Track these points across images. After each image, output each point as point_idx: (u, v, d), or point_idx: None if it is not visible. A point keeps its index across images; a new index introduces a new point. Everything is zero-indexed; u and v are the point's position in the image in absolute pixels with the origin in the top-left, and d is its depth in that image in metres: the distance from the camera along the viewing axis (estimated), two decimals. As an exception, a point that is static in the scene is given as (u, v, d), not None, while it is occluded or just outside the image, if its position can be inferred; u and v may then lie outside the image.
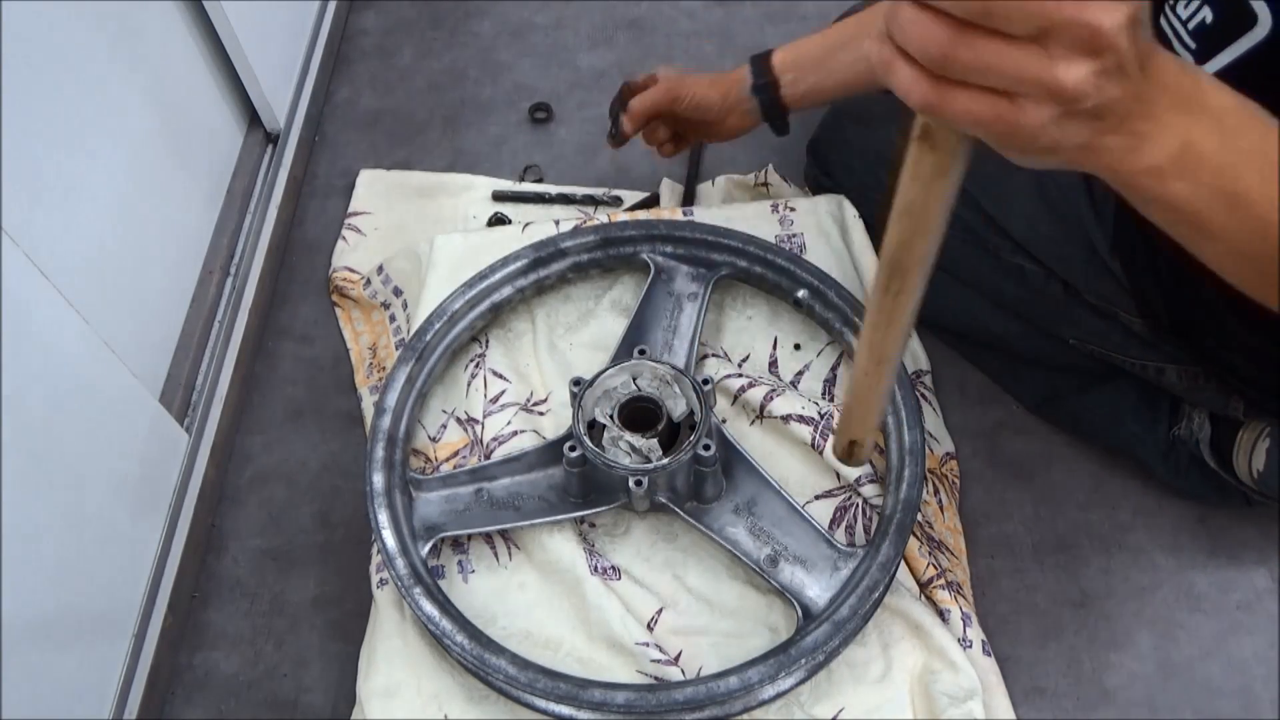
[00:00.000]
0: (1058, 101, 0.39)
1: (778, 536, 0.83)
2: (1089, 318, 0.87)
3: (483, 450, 0.91)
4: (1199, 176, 0.46)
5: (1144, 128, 0.43)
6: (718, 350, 0.98)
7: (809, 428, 0.88)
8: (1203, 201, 0.47)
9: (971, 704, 0.77)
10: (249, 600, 0.94)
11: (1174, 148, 0.44)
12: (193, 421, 0.97)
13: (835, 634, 0.75)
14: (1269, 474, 0.81)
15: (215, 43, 1.10)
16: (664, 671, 0.80)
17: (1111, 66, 0.38)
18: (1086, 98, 0.39)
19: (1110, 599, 0.90)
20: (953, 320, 1.01)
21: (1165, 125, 0.44)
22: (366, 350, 1.08)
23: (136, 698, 0.84)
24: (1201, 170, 0.46)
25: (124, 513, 0.85)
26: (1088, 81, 0.38)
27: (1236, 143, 0.46)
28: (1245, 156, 0.46)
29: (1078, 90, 0.38)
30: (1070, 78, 0.38)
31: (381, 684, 0.81)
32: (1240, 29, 0.60)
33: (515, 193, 1.20)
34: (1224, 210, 0.47)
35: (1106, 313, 0.85)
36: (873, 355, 0.58)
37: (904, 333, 0.56)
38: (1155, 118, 0.43)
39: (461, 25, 1.42)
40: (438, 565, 0.86)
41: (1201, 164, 0.45)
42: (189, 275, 1.05)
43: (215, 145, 1.13)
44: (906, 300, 0.54)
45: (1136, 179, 0.45)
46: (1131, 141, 0.43)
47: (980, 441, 0.99)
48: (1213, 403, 0.85)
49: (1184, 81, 0.44)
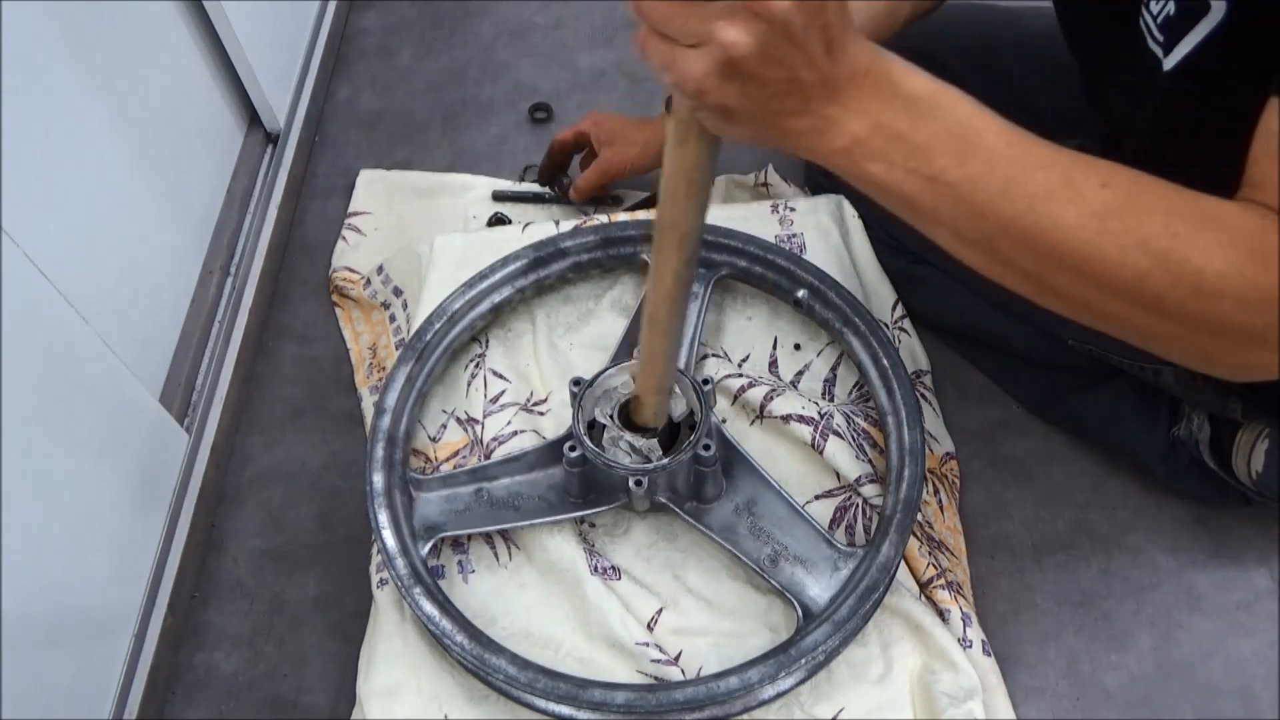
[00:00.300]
0: (718, 56, 0.43)
1: (778, 536, 0.83)
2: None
3: (483, 450, 0.91)
4: (893, 158, 0.49)
5: (830, 111, 0.47)
6: (718, 350, 0.98)
7: (809, 427, 0.88)
8: (905, 183, 0.49)
9: (971, 704, 0.77)
10: (249, 600, 0.94)
11: (863, 131, 0.48)
12: (193, 421, 0.97)
13: (835, 634, 0.75)
14: (1268, 475, 0.81)
15: (215, 43, 1.10)
16: (664, 671, 0.80)
17: (773, 41, 0.43)
18: (745, 64, 0.43)
19: (1110, 599, 0.90)
20: (953, 320, 1.02)
21: (854, 109, 0.47)
22: (366, 350, 1.08)
23: (136, 698, 0.84)
24: (895, 152, 0.48)
25: (124, 513, 0.85)
26: (744, 45, 0.43)
27: (929, 125, 0.48)
28: (939, 139, 0.48)
29: (734, 49, 0.43)
30: (726, 35, 0.43)
31: (381, 684, 0.81)
32: (1197, 15, 0.61)
33: (515, 192, 1.20)
34: (928, 192, 0.50)
35: None
36: (646, 314, 0.65)
37: (669, 298, 0.62)
38: (842, 103, 0.47)
39: (461, 25, 1.42)
40: (438, 565, 0.86)
41: (895, 146, 0.48)
42: (189, 275, 1.05)
43: (215, 145, 1.13)
44: (664, 262, 0.59)
45: (832, 160, 0.49)
46: (819, 124, 0.47)
47: (980, 441, 0.99)
48: (1211, 404, 0.85)
49: (876, 66, 0.47)
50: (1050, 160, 0.50)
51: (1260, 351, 0.51)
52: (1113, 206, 0.49)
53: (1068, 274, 0.51)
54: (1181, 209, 0.50)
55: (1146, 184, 0.51)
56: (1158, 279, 0.49)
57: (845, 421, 0.90)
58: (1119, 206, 0.49)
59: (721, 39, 0.43)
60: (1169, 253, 0.49)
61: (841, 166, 0.50)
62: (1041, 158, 0.50)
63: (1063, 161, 0.50)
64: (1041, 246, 0.50)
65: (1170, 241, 0.49)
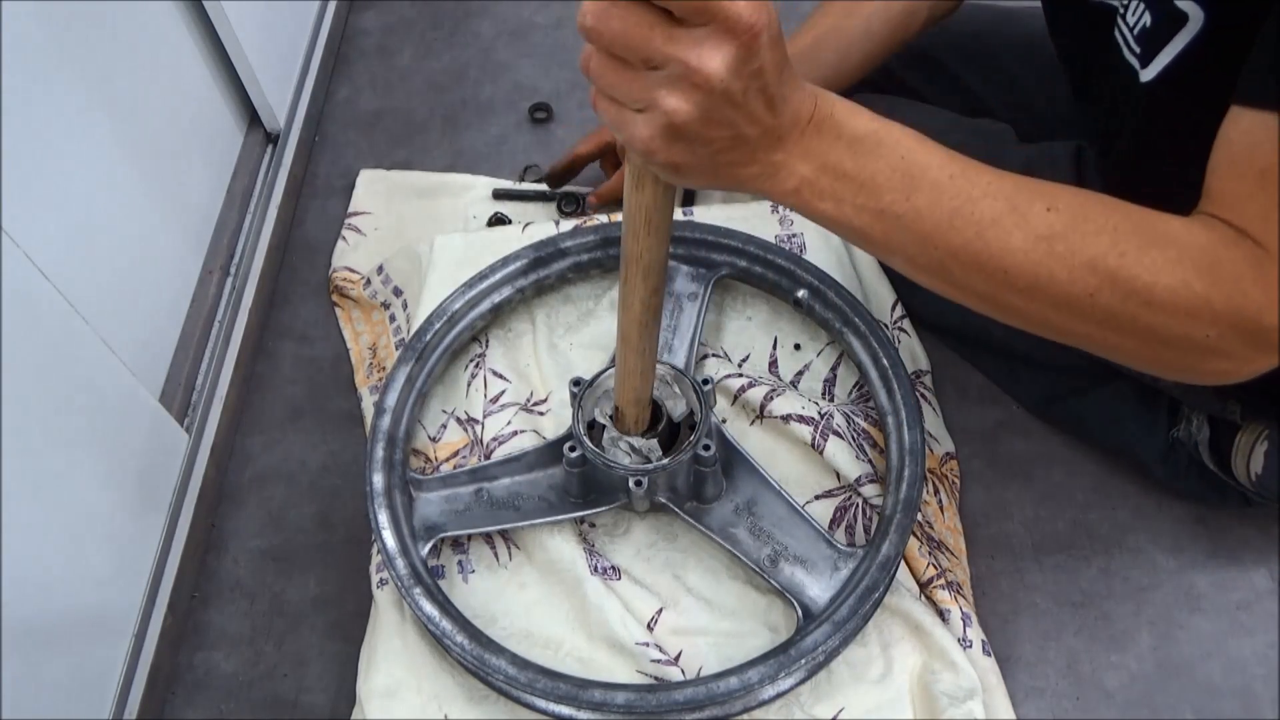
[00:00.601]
0: (662, 122, 0.45)
1: (778, 536, 0.83)
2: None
3: (483, 450, 0.92)
4: (841, 196, 0.51)
5: (776, 158, 0.49)
6: (718, 350, 0.98)
7: (809, 427, 0.88)
8: (854, 218, 0.52)
9: (971, 704, 0.77)
10: (249, 600, 0.94)
11: (809, 172, 0.50)
12: (193, 421, 0.97)
13: (835, 634, 0.75)
14: (1267, 477, 0.81)
15: (215, 43, 1.10)
16: (664, 671, 0.80)
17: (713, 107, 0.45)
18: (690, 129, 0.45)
19: (1110, 599, 0.90)
20: (952, 320, 1.02)
21: (799, 154, 0.50)
22: (366, 350, 1.08)
23: (136, 698, 0.84)
24: (843, 190, 0.51)
25: (124, 513, 0.85)
26: (685, 112, 0.45)
27: (874, 163, 0.51)
28: (884, 175, 0.51)
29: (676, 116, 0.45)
30: (668, 104, 0.45)
31: (381, 684, 0.81)
32: (1175, 27, 0.62)
33: (515, 192, 1.20)
34: (878, 225, 0.52)
35: None
36: (619, 333, 0.69)
37: (639, 322, 0.67)
38: (787, 149, 0.49)
39: (461, 25, 1.42)
40: (438, 565, 0.86)
41: (842, 185, 0.51)
42: (189, 275, 1.05)
43: (215, 145, 1.13)
44: (631, 291, 0.64)
45: (785, 200, 0.51)
46: (768, 170, 0.50)
47: (980, 442, 0.99)
48: (1209, 405, 0.85)
49: (819, 111, 0.50)
50: (995, 189, 0.52)
51: (1217, 360, 0.53)
52: (1058, 229, 0.51)
53: (1020, 295, 0.53)
54: (1128, 228, 0.52)
55: (1093, 205, 0.52)
56: (1107, 296, 0.51)
57: (845, 421, 0.90)
58: (1064, 228, 0.51)
59: (664, 107, 0.45)
60: (1117, 271, 0.51)
61: (793, 205, 0.52)
62: (986, 186, 0.51)
63: (1007, 188, 0.52)
64: (993, 270, 0.52)
65: (1118, 260, 0.51)
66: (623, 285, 0.64)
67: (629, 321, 0.67)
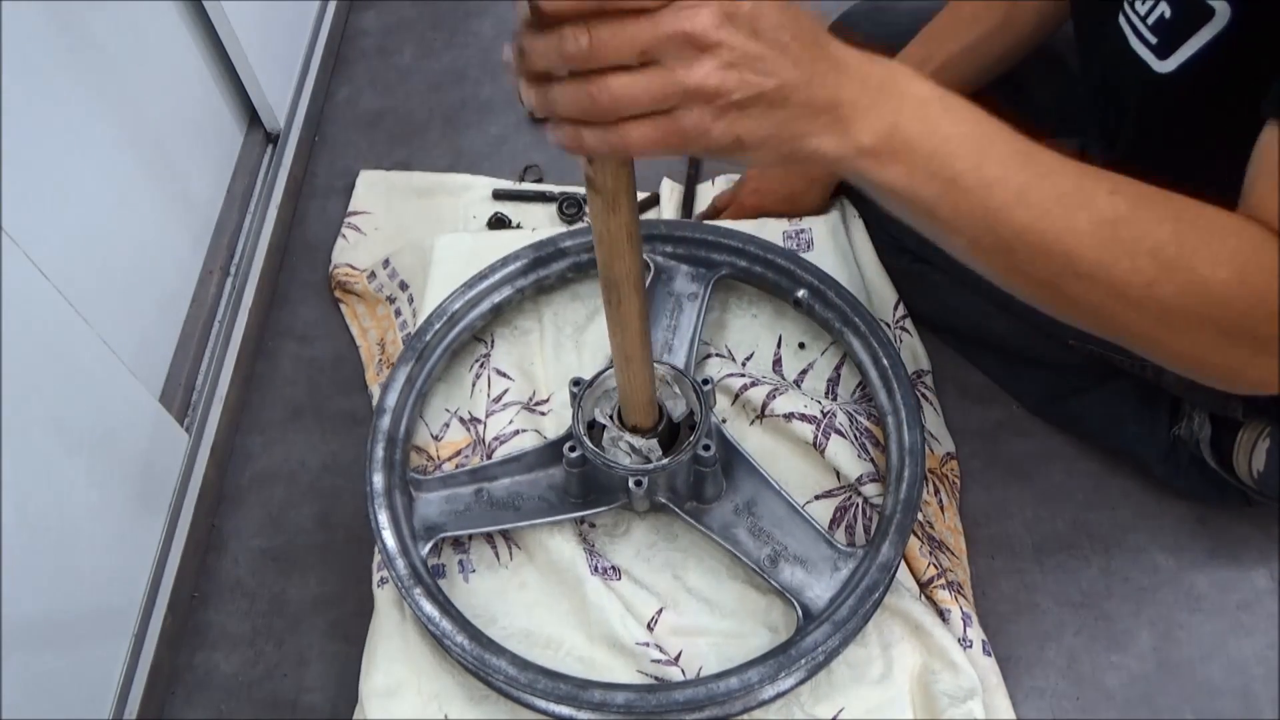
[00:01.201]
0: (704, 100, 0.43)
1: (778, 537, 0.83)
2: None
3: (485, 450, 0.91)
4: (913, 160, 0.48)
5: (843, 112, 0.46)
6: (721, 348, 0.97)
7: (811, 426, 0.88)
8: (923, 187, 0.49)
9: (971, 704, 0.77)
10: (249, 600, 0.94)
11: (882, 129, 0.47)
12: (193, 421, 0.97)
13: (835, 634, 0.75)
14: (1269, 474, 0.81)
15: (215, 43, 1.10)
16: (664, 671, 0.80)
17: (735, 58, 0.42)
18: (728, 89, 0.43)
19: (1110, 599, 0.90)
20: (954, 320, 1.02)
21: (866, 109, 0.47)
22: (375, 347, 1.08)
23: (136, 698, 0.84)
24: (914, 154, 0.48)
25: (124, 513, 0.85)
26: (715, 75, 0.42)
27: (942, 129, 0.48)
28: (954, 142, 0.48)
29: (708, 85, 0.42)
30: (693, 78, 0.42)
31: (381, 684, 0.81)
32: (1199, 21, 0.61)
33: (515, 192, 1.20)
34: (945, 197, 0.49)
35: None
36: (620, 355, 0.69)
37: (639, 335, 0.66)
38: (851, 102, 0.46)
39: (461, 25, 1.42)
40: (438, 564, 0.86)
41: (912, 148, 0.48)
42: (189, 275, 1.05)
43: (215, 145, 1.13)
44: (628, 308, 0.63)
45: (854, 165, 0.48)
46: (835, 125, 0.46)
47: (980, 441, 0.99)
48: (1212, 403, 0.85)
49: (874, 70, 0.47)
50: (1060, 166, 0.50)
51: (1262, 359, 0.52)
52: (1123, 213, 0.50)
53: (1082, 281, 0.51)
54: (1190, 218, 0.51)
55: (1153, 192, 0.51)
56: (1164, 287, 0.50)
57: (848, 420, 0.90)
58: (1128, 213, 0.50)
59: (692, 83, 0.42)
60: (1176, 260, 0.49)
61: (864, 169, 0.49)
62: (1051, 163, 0.50)
63: (1071, 167, 0.50)
64: (1057, 253, 0.50)
65: (1178, 250, 0.50)
66: (615, 308, 0.63)
67: (629, 340, 0.67)
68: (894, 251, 1.02)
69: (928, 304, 1.02)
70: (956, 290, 0.97)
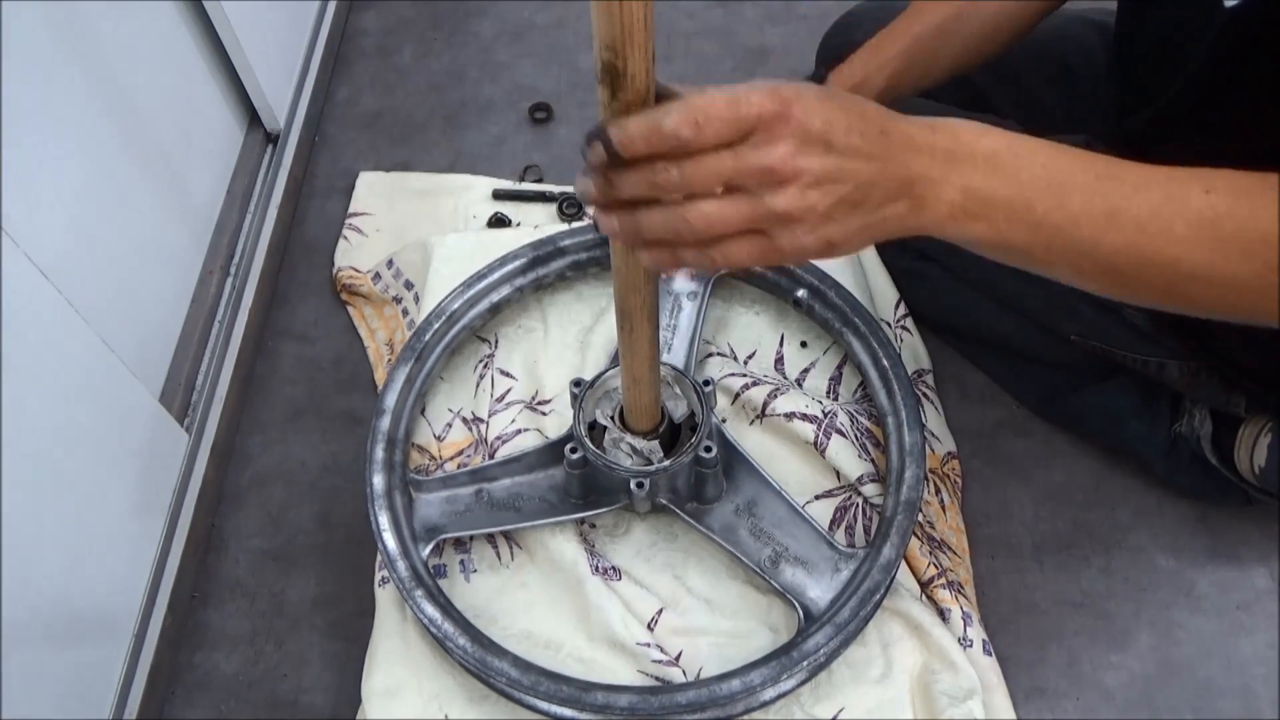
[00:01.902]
0: (795, 220, 0.46)
1: (778, 537, 0.83)
2: (1091, 312, 0.87)
3: (487, 450, 0.91)
4: (993, 214, 0.50)
5: (918, 190, 0.49)
6: (723, 347, 0.97)
7: (812, 425, 0.88)
8: (1011, 235, 0.51)
9: (971, 704, 0.77)
10: (249, 600, 0.94)
11: (957, 194, 0.49)
12: (193, 421, 0.97)
13: (836, 636, 0.75)
14: (1270, 470, 0.81)
15: (215, 43, 1.10)
16: (665, 672, 0.80)
17: (815, 179, 0.45)
18: (814, 207, 0.46)
19: (1110, 599, 0.90)
20: (954, 318, 1.02)
21: (939, 180, 0.49)
22: (384, 347, 1.08)
23: (136, 698, 0.84)
24: (994, 209, 0.50)
25: (124, 513, 0.84)
26: (799, 200, 0.45)
27: (1017, 177, 0.50)
28: (1031, 187, 0.50)
29: (795, 210, 0.45)
30: (780, 205, 0.45)
31: (381, 684, 0.81)
32: None
33: (515, 192, 1.20)
34: (1035, 239, 0.51)
35: (1109, 306, 0.85)
36: (629, 376, 0.73)
37: (648, 360, 0.70)
38: (924, 176, 0.48)
39: (461, 25, 1.42)
40: (440, 564, 0.86)
41: (991, 204, 0.50)
42: (189, 275, 1.05)
43: (215, 145, 1.13)
44: (640, 336, 0.66)
45: (941, 231, 0.50)
46: (912, 204, 0.49)
47: (980, 441, 0.99)
48: (1214, 398, 0.85)
49: (939, 139, 0.49)
50: (1146, 180, 0.51)
51: None
52: (1222, 209, 0.50)
53: (1197, 283, 0.51)
54: None
55: (1249, 180, 0.51)
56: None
57: (849, 420, 0.90)
58: (1228, 208, 0.50)
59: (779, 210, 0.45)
60: None
61: (949, 234, 0.51)
62: (1137, 180, 0.50)
63: (1159, 178, 0.51)
64: (1162, 263, 0.51)
65: None
66: (627, 334, 0.66)
67: (639, 365, 0.70)
68: (896, 250, 1.02)
69: (929, 303, 1.02)
70: (958, 289, 0.97)
